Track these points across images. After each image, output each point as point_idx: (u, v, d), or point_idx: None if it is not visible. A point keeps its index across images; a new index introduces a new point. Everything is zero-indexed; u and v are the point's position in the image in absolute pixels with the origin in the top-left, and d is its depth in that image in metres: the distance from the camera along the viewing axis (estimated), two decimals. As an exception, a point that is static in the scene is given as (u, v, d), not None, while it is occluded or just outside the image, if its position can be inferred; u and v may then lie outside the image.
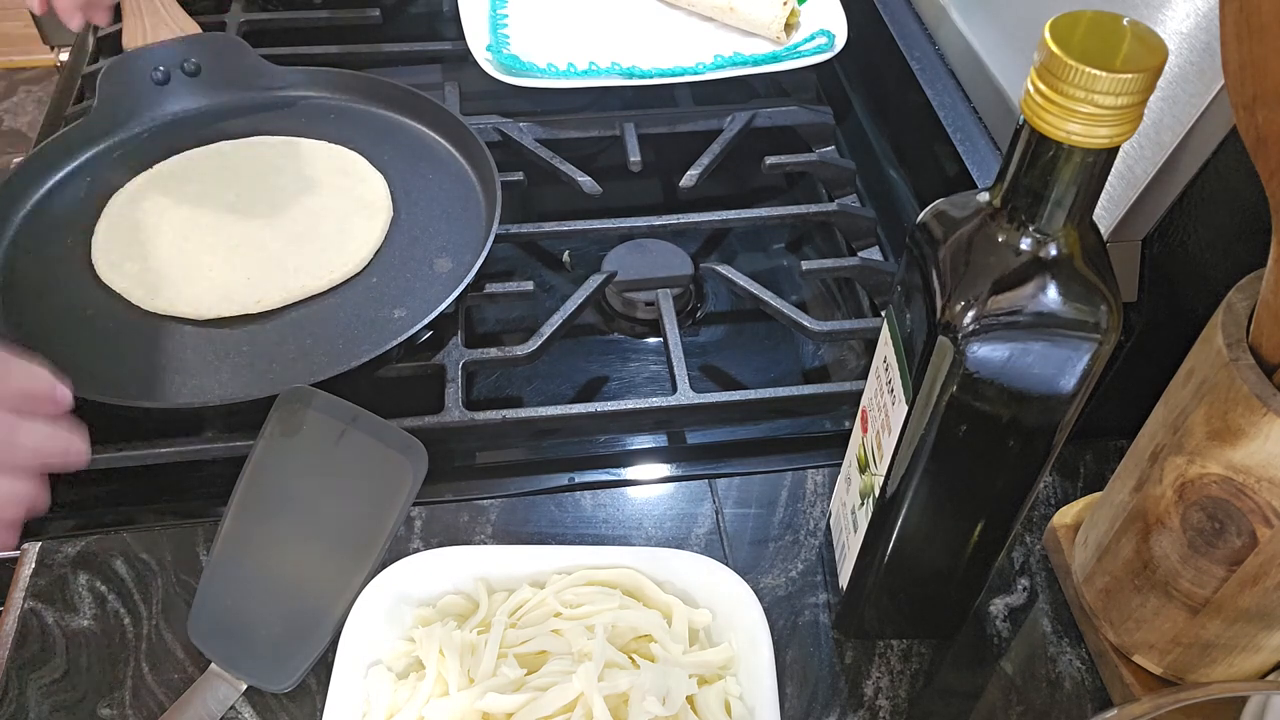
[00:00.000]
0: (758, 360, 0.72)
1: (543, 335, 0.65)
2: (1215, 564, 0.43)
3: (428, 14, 0.97)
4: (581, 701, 0.45)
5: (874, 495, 0.46)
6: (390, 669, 0.49)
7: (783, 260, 0.80)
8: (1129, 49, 0.31)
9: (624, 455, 0.64)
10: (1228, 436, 0.40)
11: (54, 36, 1.35)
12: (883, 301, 0.72)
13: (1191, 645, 0.47)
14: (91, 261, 0.67)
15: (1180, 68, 0.46)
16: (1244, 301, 0.41)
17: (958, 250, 0.37)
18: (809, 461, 0.62)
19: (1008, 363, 0.37)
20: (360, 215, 0.70)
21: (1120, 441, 0.62)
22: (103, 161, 0.74)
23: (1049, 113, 0.32)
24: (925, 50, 0.73)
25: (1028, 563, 0.57)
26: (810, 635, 0.54)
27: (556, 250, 0.78)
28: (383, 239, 0.69)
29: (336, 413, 0.54)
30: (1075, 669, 0.53)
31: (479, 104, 0.82)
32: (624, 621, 0.48)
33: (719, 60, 0.82)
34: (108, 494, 0.60)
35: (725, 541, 0.57)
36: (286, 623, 0.50)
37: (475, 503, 0.59)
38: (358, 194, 0.72)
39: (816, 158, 0.80)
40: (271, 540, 0.52)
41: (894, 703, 0.51)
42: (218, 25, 0.87)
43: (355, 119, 0.79)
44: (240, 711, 0.50)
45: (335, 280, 0.66)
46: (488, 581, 0.51)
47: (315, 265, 0.66)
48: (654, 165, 0.81)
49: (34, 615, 0.53)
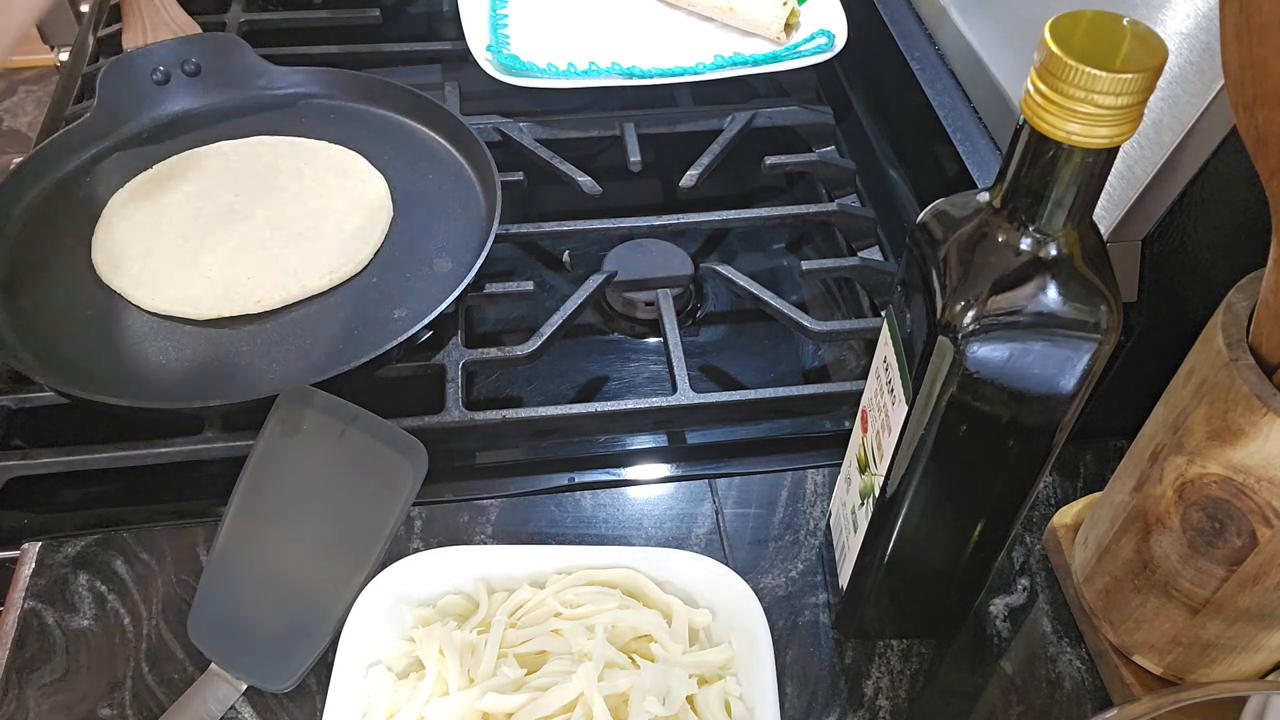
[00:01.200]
0: (758, 360, 0.72)
1: (543, 335, 0.65)
2: (1215, 564, 0.43)
3: (428, 14, 0.97)
4: (581, 701, 0.45)
5: (874, 495, 0.46)
6: (390, 669, 0.49)
7: (783, 260, 0.80)
8: (1129, 49, 0.31)
9: (624, 455, 0.64)
10: (1228, 436, 0.40)
11: (54, 36, 1.35)
12: (883, 301, 0.72)
13: (1191, 645, 0.47)
14: (91, 262, 0.67)
15: (1180, 68, 0.46)
16: (1244, 301, 0.41)
17: (958, 250, 0.37)
18: (809, 461, 0.62)
19: (1008, 363, 0.37)
20: (360, 215, 0.70)
21: (1120, 441, 0.62)
22: (103, 161, 0.74)
23: (1049, 113, 0.32)
24: (925, 50, 0.73)
25: (1028, 563, 0.57)
26: (810, 635, 0.54)
27: (556, 250, 0.78)
28: (383, 239, 0.69)
29: (336, 413, 0.54)
30: (1075, 669, 0.53)
31: (479, 104, 0.82)
32: (624, 621, 0.48)
33: (719, 60, 0.82)
34: (108, 494, 0.60)
35: (725, 541, 0.57)
36: (286, 623, 0.50)
37: (475, 503, 0.59)
38: (358, 194, 0.72)
39: (816, 158, 0.80)
40: (271, 540, 0.52)
41: (894, 703, 0.51)
42: (218, 25, 0.87)
43: (355, 119, 0.79)
44: (240, 711, 0.50)
45: (335, 280, 0.66)
46: (488, 581, 0.51)
47: (315, 265, 0.66)
48: (654, 165, 0.81)
49: (34, 615, 0.53)
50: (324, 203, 0.71)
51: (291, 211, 0.70)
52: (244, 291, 0.65)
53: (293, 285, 0.65)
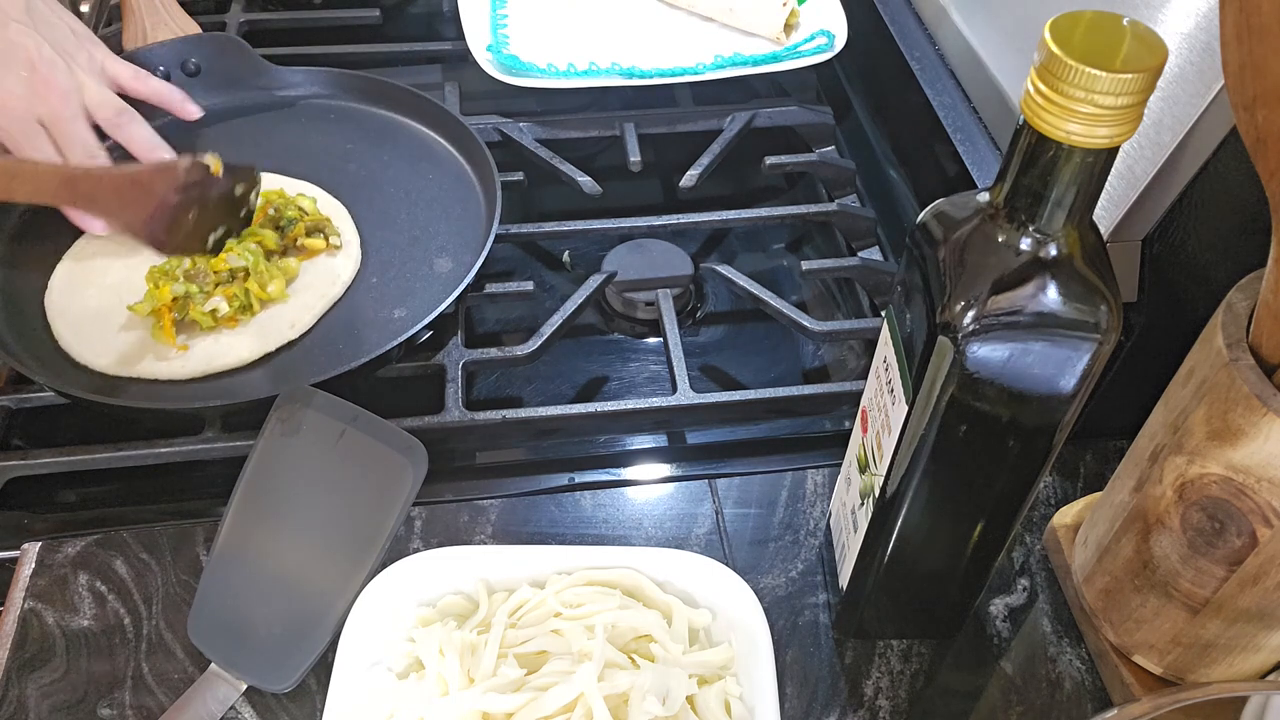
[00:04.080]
0: (758, 360, 0.72)
1: (543, 335, 0.65)
2: (1215, 564, 0.43)
3: (428, 14, 0.97)
4: (581, 701, 0.45)
5: (874, 495, 0.46)
6: (390, 669, 0.49)
7: (783, 260, 0.80)
8: (1129, 49, 0.31)
9: (624, 455, 0.64)
10: (1228, 436, 0.40)
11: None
12: (883, 301, 0.72)
13: (1191, 645, 0.47)
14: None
15: (1180, 68, 0.46)
16: (1244, 301, 0.41)
17: (958, 250, 0.37)
18: (809, 461, 0.62)
19: (1008, 363, 0.37)
20: (327, 257, 0.67)
21: (1120, 441, 0.62)
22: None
23: (1049, 113, 0.32)
24: (925, 50, 0.73)
25: (1028, 563, 0.57)
26: (810, 635, 0.54)
27: (556, 250, 0.78)
28: (351, 280, 0.67)
29: (336, 413, 0.54)
30: (1075, 669, 0.53)
31: (479, 104, 0.82)
32: (624, 621, 0.48)
33: (719, 60, 0.82)
34: (108, 494, 0.60)
35: (725, 541, 0.57)
36: (286, 623, 0.50)
37: (475, 503, 0.59)
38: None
39: (816, 158, 0.80)
40: (271, 540, 0.52)
41: (894, 703, 0.51)
42: (218, 25, 0.87)
43: (355, 119, 0.79)
44: (240, 711, 0.50)
45: (300, 331, 0.63)
46: (488, 581, 0.51)
47: (280, 319, 0.64)
48: (654, 165, 0.81)
49: (34, 615, 0.53)
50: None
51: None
52: (224, 348, 0.62)
53: (270, 337, 0.63)
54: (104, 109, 0.65)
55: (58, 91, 0.62)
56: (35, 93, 0.61)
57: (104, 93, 0.66)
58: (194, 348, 0.62)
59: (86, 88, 0.64)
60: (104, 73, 0.67)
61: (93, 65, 0.66)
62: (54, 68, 0.62)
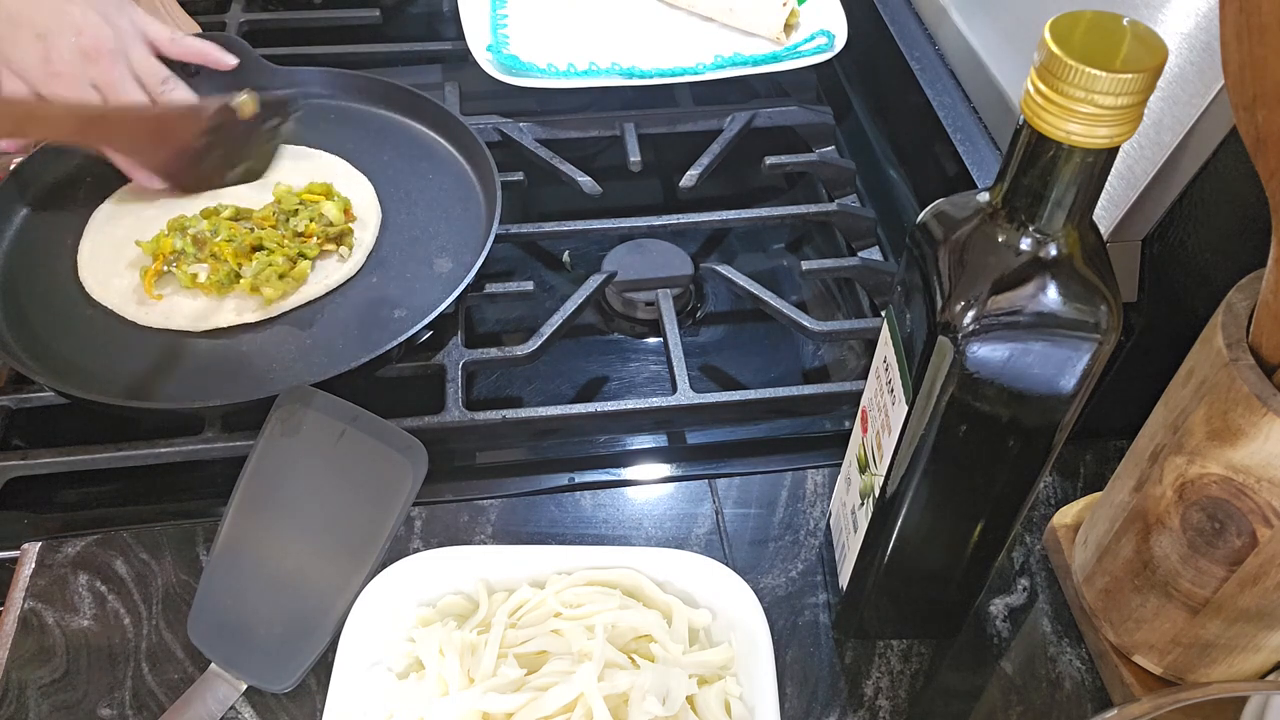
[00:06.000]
0: (758, 360, 0.72)
1: (543, 335, 0.65)
2: (1215, 564, 0.43)
3: (428, 14, 0.97)
4: (581, 701, 0.45)
5: (874, 495, 0.46)
6: (390, 669, 0.49)
7: (783, 260, 0.80)
8: (1129, 49, 0.31)
9: (624, 455, 0.64)
10: (1228, 436, 0.40)
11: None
12: (883, 301, 0.72)
13: (1191, 645, 0.47)
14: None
15: (1180, 68, 0.46)
16: (1244, 301, 0.41)
17: (958, 250, 0.37)
18: (809, 461, 0.62)
19: (1008, 363, 0.37)
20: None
21: (1120, 441, 0.62)
22: (103, 161, 0.74)
23: (1049, 113, 0.32)
24: (925, 50, 0.73)
25: (1028, 563, 0.57)
26: (810, 635, 0.54)
27: (556, 250, 0.78)
28: (374, 241, 0.69)
29: (336, 413, 0.54)
30: (1075, 669, 0.53)
31: (479, 104, 0.82)
32: (624, 621, 0.48)
33: (719, 60, 0.82)
34: (108, 494, 0.60)
35: (725, 541, 0.57)
36: (286, 623, 0.50)
37: (475, 503, 0.59)
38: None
39: (816, 158, 0.80)
40: (271, 540, 0.52)
41: (894, 703, 0.51)
42: (218, 25, 0.87)
43: (355, 119, 0.78)
44: (240, 711, 0.50)
45: (331, 285, 0.66)
46: (488, 582, 0.51)
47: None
48: (654, 165, 0.81)
49: (34, 615, 0.53)
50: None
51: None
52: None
53: (289, 293, 0.65)
54: (151, 77, 0.68)
55: (107, 54, 0.64)
56: (86, 57, 0.63)
57: (148, 60, 0.68)
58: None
59: (133, 54, 0.67)
60: (145, 36, 0.69)
61: (135, 30, 0.68)
62: (100, 31, 0.64)
